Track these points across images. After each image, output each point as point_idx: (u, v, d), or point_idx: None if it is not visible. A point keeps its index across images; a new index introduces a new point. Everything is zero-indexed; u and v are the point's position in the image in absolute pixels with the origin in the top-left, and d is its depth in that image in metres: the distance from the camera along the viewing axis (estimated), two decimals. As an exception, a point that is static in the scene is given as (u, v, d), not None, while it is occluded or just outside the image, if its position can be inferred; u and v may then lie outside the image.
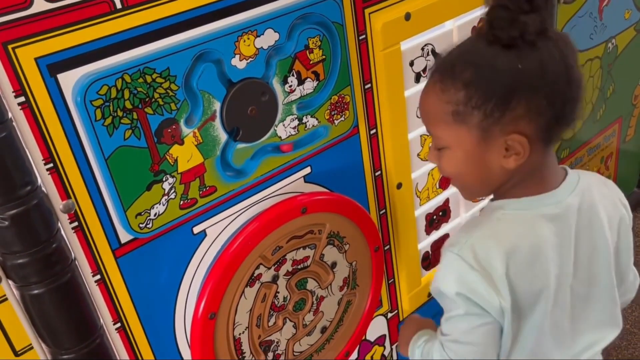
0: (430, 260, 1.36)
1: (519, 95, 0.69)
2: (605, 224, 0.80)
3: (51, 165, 0.75)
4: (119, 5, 0.74)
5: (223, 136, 0.88)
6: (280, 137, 0.94)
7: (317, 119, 0.98)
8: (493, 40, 0.69)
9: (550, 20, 0.72)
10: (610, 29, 1.55)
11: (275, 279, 1.00)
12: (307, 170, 1.03)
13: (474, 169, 0.75)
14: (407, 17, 1.06)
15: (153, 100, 0.79)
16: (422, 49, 1.13)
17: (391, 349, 1.36)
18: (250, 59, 0.86)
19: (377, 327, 1.29)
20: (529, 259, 0.74)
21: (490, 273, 0.73)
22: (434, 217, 1.33)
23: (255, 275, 0.96)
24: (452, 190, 1.34)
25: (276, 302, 1.01)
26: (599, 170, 1.77)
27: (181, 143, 0.83)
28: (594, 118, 1.64)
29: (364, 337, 1.25)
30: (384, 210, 1.20)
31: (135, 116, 0.78)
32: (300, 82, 0.93)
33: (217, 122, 0.86)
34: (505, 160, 0.72)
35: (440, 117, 0.74)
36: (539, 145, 0.72)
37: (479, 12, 1.20)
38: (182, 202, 0.86)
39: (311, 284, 1.06)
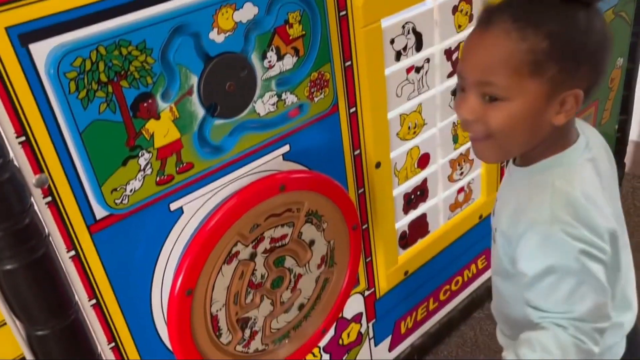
0: (408, 239, 1.37)
1: (590, 53, 0.70)
2: (607, 157, 0.85)
3: (23, 138, 0.74)
4: (93, -26, 0.72)
5: (200, 112, 0.86)
6: (258, 113, 0.93)
7: (296, 96, 0.97)
8: None
9: None
10: (589, 12, 1.56)
11: (253, 256, 0.99)
12: (286, 148, 1.03)
13: (526, 124, 0.72)
14: (388, -6, 1.05)
15: (129, 73, 0.77)
16: (403, 27, 1.12)
17: (367, 326, 1.37)
18: (229, 33, 0.85)
19: (354, 305, 1.30)
20: (597, 205, 0.74)
21: (594, 227, 0.71)
22: (412, 196, 1.34)
23: (232, 252, 0.96)
24: (430, 170, 1.35)
25: (254, 280, 1.01)
26: (574, 152, 1.79)
27: (157, 118, 0.82)
28: (571, 100, 1.66)
29: (340, 315, 1.27)
30: (362, 189, 1.20)
31: (110, 89, 0.76)
32: (280, 57, 0.92)
33: (195, 97, 0.85)
34: (556, 116, 0.72)
35: (511, 65, 0.69)
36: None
37: (460, -10, 1.20)
38: (158, 178, 0.85)
39: (289, 262, 1.06)
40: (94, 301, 0.88)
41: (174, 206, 0.91)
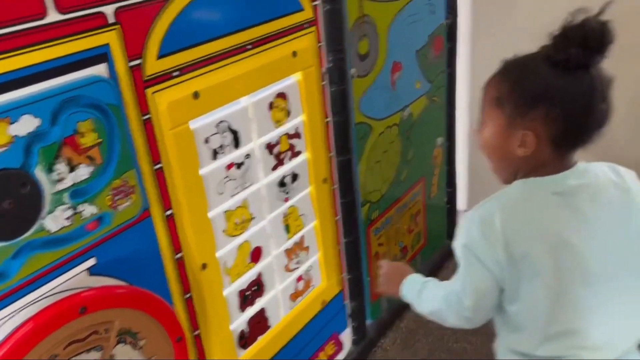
0: (247, 338, 1.31)
1: (543, 101, 0.87)
2: (617, 202, 0.93)
3: None
4: None
5: (-29, 237, 0.76)
6: (49, 230, 0.85)
7: (96, 207, 0.90)
8: (549, 56, 0.87)
9: (599, 61, 0.87)
10: (404, 98, 1.69)
11: (51, 392, 0.87)
12: (92, 262, 0.94)
13: (497, 145, 0.94)
14: (196, 95, 1.04)
15: None
16: (217, 125, 1.11)
17: None
18: (3, 148, 0.77)
19: (192, 420, 1.20)
20: (526, 221, 0.90)
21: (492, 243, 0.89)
22: (247, 292, 1.29)
23: (24, 393, 0.83)
24: (264, 263, 1.32)
25: (55, 419, 0.88)
26: (409, 227, 1.88)
27: None
28: (399, 179, 1.75)
29: None
30: (189, 294, 1.14)
31: None
32: (72, 168, 0.85)
33: (-38, 222, 0.75)
34: (518, 148, 0.91)
35: (489, 100, 0.94)
36: (550, 147, 0.90)
37: (274, 88, 1.23)
38: None
39: (100, 390, 0.94)
40: None
41: (-57, 349, 0.77)
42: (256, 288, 1.31)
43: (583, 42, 0.83)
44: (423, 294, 1.05)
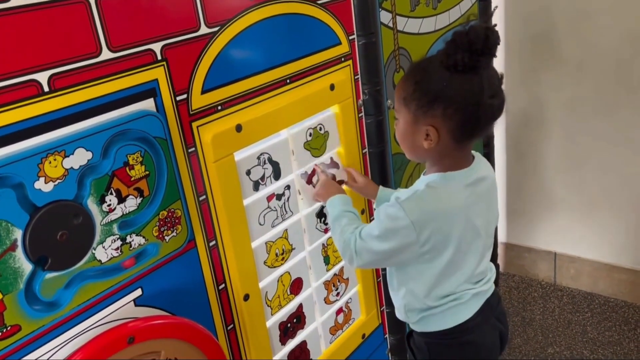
0: (289, 371, 1.30)
1: (439, 101, 0.98)
2: (494, 189, 1.13)
3: None
4: None
5: (27, 267, 0.78)
6: (100, 260, 0.87)
7: (143, 237, 0.92)
8: (442, 62, 0.97)
9: (487, 62, 0.97)
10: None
11: (100, 423, 0.87)
12: (138, 292, 0.95)
13: (407, 138, 1.06)
14: (239, 128, 1.06)
15: None
16: (258, 157, 1.13)
17: None
18: (58, 181, 0.80)
19: None
20: (443, 214, 1.02)
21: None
22: (288, 324, 1.28)
23: (73, 423, 0.83)
24: (304, 295, 1.31)
25: None
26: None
27: (-29, 280, 0.73)
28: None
29: None
30: (231, 325, 1.14)
31: None
32: (121, 200, 0.88)
33: (19, 252, 0.77)
34: (424, 141, 1.02)
35: (398, 98, 1.05)
36: (451, 139, 1.01)
37: (312, 120, 1.25)
38: (-27, 349, 0.74)
39: (146, 422, 0.94)
40: None
41: (-2, 378, 0.79)
42: (297, 320, 1.30)
43: (469, 47, 0.93)
44: (340, 220, 1.16)
